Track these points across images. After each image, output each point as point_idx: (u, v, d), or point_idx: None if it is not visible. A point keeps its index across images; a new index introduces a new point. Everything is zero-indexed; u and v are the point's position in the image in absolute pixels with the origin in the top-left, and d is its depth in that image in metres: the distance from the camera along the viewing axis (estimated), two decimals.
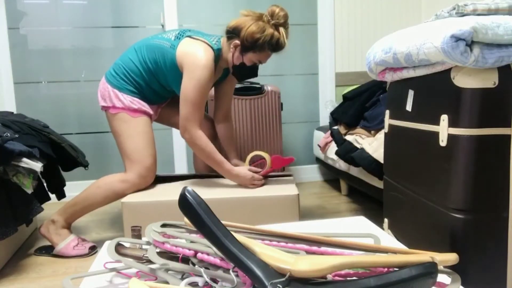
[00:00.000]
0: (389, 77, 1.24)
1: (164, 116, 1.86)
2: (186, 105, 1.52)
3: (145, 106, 1.66)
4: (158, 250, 0.85)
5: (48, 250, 1.62)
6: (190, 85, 1.51)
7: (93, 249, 1.62)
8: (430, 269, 0.66)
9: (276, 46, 1.55)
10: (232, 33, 1.56)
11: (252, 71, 1.64)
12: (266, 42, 1.52)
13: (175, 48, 1.56)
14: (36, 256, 1.62)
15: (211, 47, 1.57)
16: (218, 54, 1.61)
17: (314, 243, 0.89)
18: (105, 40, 2.59)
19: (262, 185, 1.64)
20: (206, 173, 1.89)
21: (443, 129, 0.97)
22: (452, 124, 0.94)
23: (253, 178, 1.61)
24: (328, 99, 2.85)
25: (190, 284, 0.76)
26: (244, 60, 1.58)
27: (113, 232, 1.89)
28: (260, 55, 1.57)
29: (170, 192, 1.59)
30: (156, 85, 1.66)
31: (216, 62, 1.61)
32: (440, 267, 0.79)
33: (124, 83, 1.63)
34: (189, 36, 1.59)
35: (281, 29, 1.54)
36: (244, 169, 1.63)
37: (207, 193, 1.54)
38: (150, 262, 0.85)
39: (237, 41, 1.55)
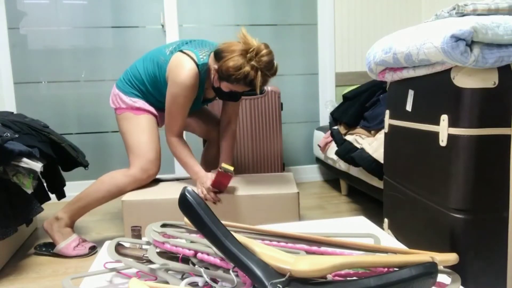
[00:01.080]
0: (389, 77, 1.24)
1: None
2: (166, 116, 1.63)
3: (148, 107, 1.72)
4: (158, 250, 0.85)
5: (48, 248, 1.62)
6: (169, 99, 1.61)
7: (93, 249, 1.62)
8: (430, 269, 0.66)
9: (249, 84, 1.49)
10: (217, 55, 1.54)
11: (231, 96, 1.63)
12: (239, 79, 1.48)
13: (167, 63, 1.63)
14: (36, 256, 1.62)
15: (196, 63, 1.57)
16: (203, 69, 1.61)
17: (314, 243, 0.89)
18: (105, 40, 2.59)
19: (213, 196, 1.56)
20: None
21: (443, 129, 0.97)
22: (452, 124, 0.94)
23: (208, 188, 1.55)
24: (328, 99, 2.86)
25: (190, 284, 0.76)
26: (221, 85, 1.57)
27: (113, 232, 1.90)
28: (234, 86, 1.53)
29: (170, 191, 1.59)
30: (158, 94, 1.72)
31: (203, 76, 1.63)
32: (440, 267, 0.79)
33: (129, 87, 1.73)
34: (181, 50, 1.61)
35: (259, 73, 1.46)
36: (208, 175, 1.58)
37: None
38: (150, 262, 0.85)
39: (216, 67, 1.54)
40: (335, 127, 2.18)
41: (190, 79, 1.56)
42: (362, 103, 1.99)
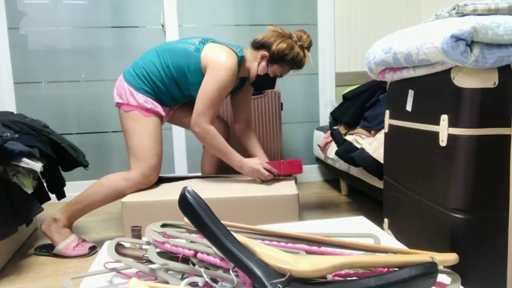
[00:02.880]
0: (389, 77, 1.24)
1: (175, 116, 1.89)
2: (203, 102, 1.59)
3: (158, 107, 1.69)
4: (158, 250, 0.85)
5: (48, 249, 1.62)
6: (211, 84, 1.58)
7: (93, 249, 1.62)
8: (430, 269, 0.66)
9: (299, 63, 1.69)
10: (261, 45, 1.68)
11: (272, 82, 1.76)
12: (292, 58, 1.66)
13: (199, 51, 1.63)
14: (36, 256, 1.62)
15: (235, 53, 1.65)
16: (240, 61, 1.69)
17: (314, 243, 0.89)
18: (105, 40, 2.59)
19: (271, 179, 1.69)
20: (208, 175, 1.89)
21: (443, 129, 0.97)
22: (452, 124, 0.94)
23: (261, 171, 1.64)
24: (328, 99, 2.85)
25: (190, 284, 0.76)
26: (269, 71, 1.70)
27: (113, 232, 1.89)
28: (283, 68, 1.70)
29: (170, 192, 1.59)
30: (175, 89, 1.70)
31: (238, 69, 1.67)
32: (440, 267, 0.79)
33: (141, 83, 1.67)
34: (214, 42, 1.68)
35: (306, 51, 1.69)
36: (253, 160, 1.66)
37: (207, 193, 1.54)
38: (150, 262, 0.85)
39: (265, 53, 1.66)
40: (335, 127, 2.18)
41: (235, 65, 1.62)
42: (362, 103, 1.99)
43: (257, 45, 1.69)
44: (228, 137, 2.01)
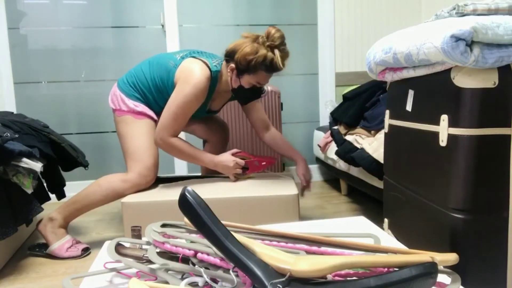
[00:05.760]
0: (389, 77, 1.24)
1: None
2: (167, 116, 1.57)
3: (149, 111, 1.69)
4: (158, 250, 0.85)
5: (42, 248, 1.61)
6: (176, 99, 1.56)
7: (86, 251, 1.61)
8: (430, 269, 0.66)
9: (270, 67, 1.53)
10: (229, 56, 1.58)
11: (253, 93, 1.65)
12: (259, 63, 1.51)
13: (176, 67, 1.61)
14: (36, 256, 1.62)
15: (209, 68, 1.59)
16: (215, 76, 1.63)
17: (314, 243, 0.89)
18: (105, 40, 2.59)
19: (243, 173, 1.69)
20: (208, 175, 1.89)
21: (443, 129, 0.97)
22: (452, 124, 0.94)
23: (235, 165, 1.63)
24: (328, 99, 2.85)
25: (190, 284, 0.76)
26: (241, 83, 1.59)
27: (113, 232, 1.89)
28: (256, 76, 1.56)
29: (170, 192, 1.59)
30: (162, 100, 1.69)
31: (214, 84, 1.63)
32: (440, 267, 0.79)
33: (132, 90, 1.69)
34: (193, 56, 1.64)
35: (276, 51, 1.51)
36: (226, 155, 1.65)
37: (207, 193, 1.54)
38: (150, 262, 0.85)
39: (233, 64, 1.56)
40: (335, 127, 2.18)
41: (204, 81, 1.55)
42: (362, 103, 1.99)
43: (227, 57, 1.60)
44: (227, 140, 2.01)
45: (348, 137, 2.00)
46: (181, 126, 1.60)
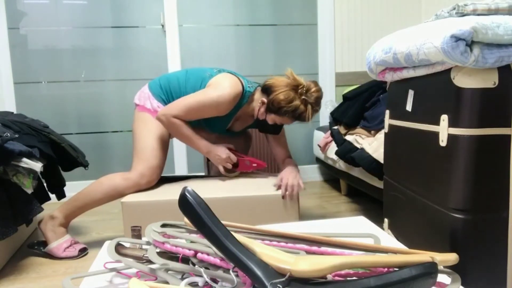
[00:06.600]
0: (389, 77, 1.24)
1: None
2: (182, 102, 1.57)
3: None
4: (158, 250, 0.85)
5: (40, 246, 1.61)
6: (197, 94, 1.58)
7: (83, 251, 1.60)
8: (430, 269, 0.66)
9: (298, 117, 1.59)
10: (265, 90, 1.62)
11: (274, 129, 1.70)
12: (289, 112, 1.57)
13: (211, 77, 1.65)
14: (36, 256, 1.62)
15: (243, 86, 1.63)
16: (246, 96, 1.66)
17: (314, 243, 0.89)
18: (105, 40, 2.59)
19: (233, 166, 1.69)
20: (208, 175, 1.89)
21: (443, 129, 0.97)
22: (452, 124, 0.94)
23: (227, 159, 1.63)
24: (328, 99, 2.85)
25: (190, 284, 0.76)
26: (267, 118, 1.64)
27: (113, 232, 1.89)
28: (282, 119, 1.62)
29: (170, 192, 1.59)
30: None
31: (241, 103, 1.65)
32: (440, 267, 0.79)
33: (161, 92, 1.71)
34: (231, 73, 1.67)
35: (309, 106, 1.58)
36: (221, 147, 1.65)
37: (207, 193, 1.54)
38: (150, 262, 0.85)
39: (264, 100, 1.61)
40: (335, 127, 2.18)
41: (232, 94, 1.57)
42: (362, 103, 1.99)
43: (264, 88, 1.63)
44: (248, 148, 2.00)
45: (348, 137, 2.00)
46: (187, 118, 1.60)
